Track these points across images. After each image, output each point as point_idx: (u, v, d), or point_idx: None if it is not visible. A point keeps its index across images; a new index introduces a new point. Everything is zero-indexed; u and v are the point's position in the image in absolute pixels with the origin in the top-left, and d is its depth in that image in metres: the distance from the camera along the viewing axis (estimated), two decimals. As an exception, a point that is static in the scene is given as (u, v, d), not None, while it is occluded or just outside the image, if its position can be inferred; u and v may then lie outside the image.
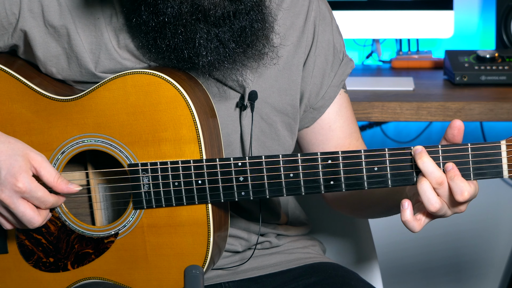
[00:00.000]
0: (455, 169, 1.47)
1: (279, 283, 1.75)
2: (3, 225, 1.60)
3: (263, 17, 1.56)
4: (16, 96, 1.63)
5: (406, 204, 1.48)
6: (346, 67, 1.75)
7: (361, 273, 1.96)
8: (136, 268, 1.62)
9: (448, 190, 1.47)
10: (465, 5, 3.06)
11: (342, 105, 1.75)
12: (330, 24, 1.72)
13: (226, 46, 1.54)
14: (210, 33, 1.52)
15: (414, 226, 1.49)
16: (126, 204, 1.62)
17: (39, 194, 1.55)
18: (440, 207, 1.47)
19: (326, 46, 1.71)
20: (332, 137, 1.74)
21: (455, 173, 1.46)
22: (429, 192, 1.46)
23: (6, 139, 1.58)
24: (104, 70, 1.63)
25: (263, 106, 1.67)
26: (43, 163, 1.56)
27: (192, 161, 1.56)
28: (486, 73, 2.64)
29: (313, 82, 1.70)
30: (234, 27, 1.53)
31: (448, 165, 1.47)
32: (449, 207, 1.49)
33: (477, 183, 1.49)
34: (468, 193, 1.45)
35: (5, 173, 1.54)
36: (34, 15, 1.63)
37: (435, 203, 1.46)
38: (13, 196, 1.55)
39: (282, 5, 1.68)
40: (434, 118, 2.48)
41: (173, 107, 1.56)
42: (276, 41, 1.64)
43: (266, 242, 1.79)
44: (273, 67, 1.66)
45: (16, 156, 1.56)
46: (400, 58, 2.99)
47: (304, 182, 1.53)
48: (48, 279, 1.66)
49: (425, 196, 1.46)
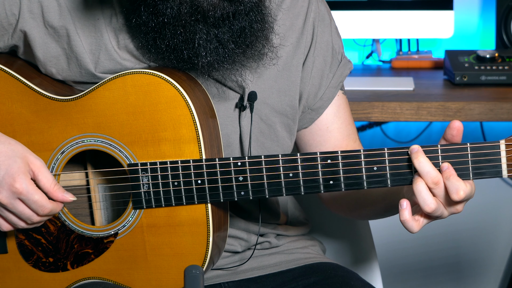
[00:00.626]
0: (451, 169, 1.47)
1: (279, 283, 1.75)
2: (1, 226, 1.60)
3: (262, 18, 1.56)
4: (16, 96, 1.63)
5: (404, 204, 1.48)
6: (345, 68, 1.75)
7: (361, 273, 1.96)
8: (135, 268, 1.62)
9: (444, 190, 1.47)
10: (465, 5, 3.06)
11: (340, 107, 1.75)
12: (329, 26, 1.72)
13: (226, 47, 1.54)
14: (210, 34, 1.52)
15: (412, 226, 1.49)
16: (126, 204, 1.62)
17: (36, 197, 1.55)
18: (435, 208, 1.47)
19: (325, 47, 1.71)
20: (330, 138, 1.74)
21: (451, 172, 1.46)
22: (424, 192, 1.46)
23: (6, 140, 1.58)
24: (104, 70, 1.63)
25: (262, 106, 1.67)
26: (42, 168, 1.57)
27: (192, 161, 1.56)
28: (486, 73, 2.64)
29: (312, 83, 1.71)
30: (234, 27, 1.53)
31: (444, 165, 1.47)
32: (445, 207, 1.49)
33: (473, 183, 1.49)
34: (464, 192, 1.45)
35: (3, 174, 1.55)
36: (34, 15, 1.63)
37: (430, 203, 1.46)
38: (10, 197, 1.55)
39: (282, 6, 1.68)
40: (434, 118, 2.48)
41: (173, 107, 1.56)
42: (275, 42, 1.64)
43: (265, 242, 1.79)
44: (273, 68, 1.66)
45: (16, 157, 1.56)
46: (400, 58, 2.99)
47: (304, 182, 1.53)
48: (48, 279, 1.66)
49: (421, 197, 1.46)
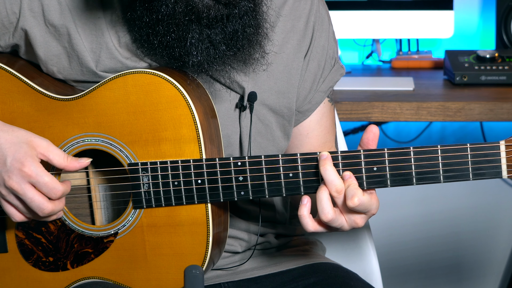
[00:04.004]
0: (353, 178, 1.50)
1: (278, 283, 1.75)
2: (13, 216, 1.58)
3: (256, 23, 1.56)
4: (17, 95, 1.64)
5: (305, 200, 1.52)
6: (336, 74, 1.75)
7: (361, 273, 1.96)
8: (135, 267, 1.62)
9: (344, 197, 1.50)
10: (465, 5, 3.07)
11: (324, 115, 1.76)
12: (327, 30, 1.73)
13: (217, 48, 1.54)
14: (202, 34, 1.53)
15: (307, 223, 1.53)
16: (126, 203, 1.62)
17: (46, 179, 1.54)
18: (332, 218, 1.50)
19: (320, 52, 1.71)
20: (306, 144, 1.77)
21: (352, 181, 1.50)
22: (324, 201, 1.50)
23: (9, 128, 1.57)
24: (105, 69, 1.63)
25: (260, 107, 1.68)
26: (50, 147, 1.56)
27: (192, 161, 1.56)
28: (486, 73, 2.64)
29: (303, 86, 1.71)
30: (227, 29, 1.53)
31: (346, 174, 1.50)
32: (345, 218, 1.52)
33: (376, 199, 1.52)
34: (358, 200, 1.48)
35: (11, 160, 1.54)
36: (35, 14, 1.63)
37: (327, 213, 1.50)
38: (20, 182, 1.53)
39: (281, 12, 1.68)
40: (434, 118, 2.48)
41: (174, 106, 1.56)
42: (270, 48, 1.64)
43: (265, 242, 1.79)
44: (274, 69, 1.67)
45: (21, 143, 1.55)
46: (400, 58, 2.99)
47: (304, 182, 1.53)
48: (48, 279, 1.66)
49: (320, 205, 1.50)
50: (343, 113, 2.48)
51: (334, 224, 1.51)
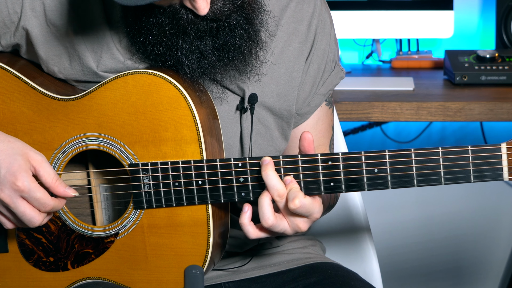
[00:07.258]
0: (294, 182, 1.51)
1: (279, 283, 1.75)
2: (4, 224, 1.60)
3: (248, 35, 1.57)
4: (18, 95, 1.64)
5: (246, 208, 1.53)
6: (336, 77, 1.75)
7: (361, 273, 1.96)
8: (136, 268, 1.62)
9: (286, 201, 1.51)
10: (465, 5, 3.07)
11: (320, 119, 1.76)
12: (329, 34, 1.73)
13: (207, 58, 1.55)
14: (193, 44, 1.54)
15: (248, 231, 1.54)
16: (127, 204, 1.63)
17: (38, 194, 1.55)
18: (273, 223, 1.51)
19: (321, 55, 1.71)
20: None
21: (294, 185, 1.51)
22: (265, 207, 1.51)
23: (5, 138, 1.58)
24: (106, 69, 1.63)
25: (260, 108, 1.68)
26: (43, 163, 1.56)
27: (193, 162, 1.56)
28: (486, 73, 2.64)
29: (303, 89, 1.71)
30: (217, 41, 1.54)
31: (287, 178, 1.52)
32: (287, 222, 1.53)
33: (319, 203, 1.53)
34: (299, 202, 1.49)
35: (5, 172, 1.54)
36: (36, 13, 1.63)
37: (268, 219, 1.51)
38: (12, 195, 1.55)
39: (281, 22, 1.67)
40: (434, 118, 2.49)
41: (174, 107, 1.56)
42: (267, 58, 1.64)
43: (265, 242, 1.79)
44: (275, 72, 1.67)
45: (16, 155, 1.56)
46: (400, 58, 2.99)
47: (304, 183, 1.53)
48: (48, 279, 1.67)
49: (261, 211, 1.51)
50: (343, 113, 2.48)
51: (276, 229, 1.53)
